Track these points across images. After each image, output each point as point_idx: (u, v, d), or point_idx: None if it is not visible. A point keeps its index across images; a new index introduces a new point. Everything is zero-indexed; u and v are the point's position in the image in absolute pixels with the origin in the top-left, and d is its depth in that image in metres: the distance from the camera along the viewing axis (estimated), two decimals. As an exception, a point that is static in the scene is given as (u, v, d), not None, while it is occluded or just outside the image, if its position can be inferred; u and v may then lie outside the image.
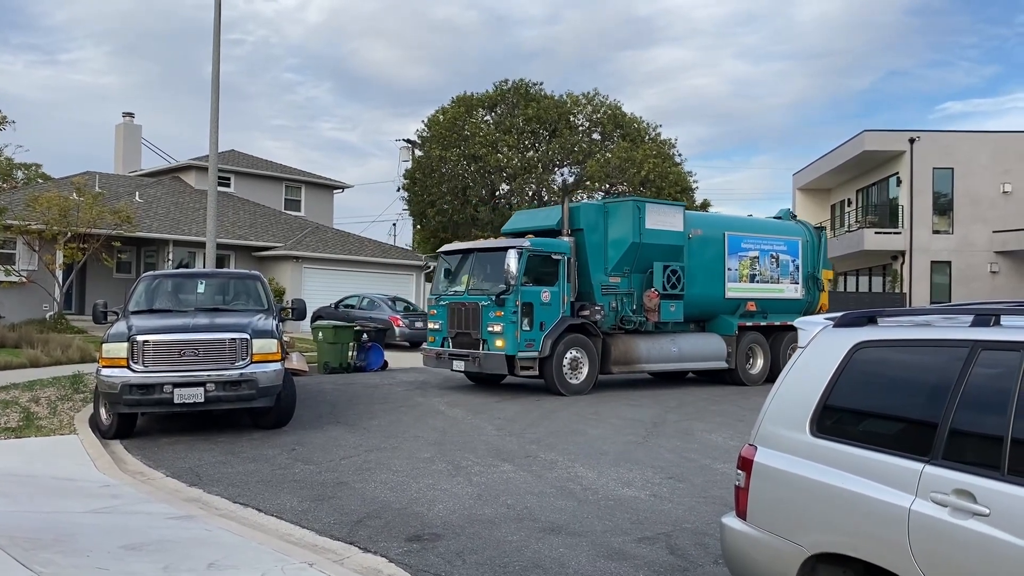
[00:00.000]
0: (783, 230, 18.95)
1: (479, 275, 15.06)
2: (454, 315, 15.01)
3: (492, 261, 14.94)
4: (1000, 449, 3.17)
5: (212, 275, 13.36)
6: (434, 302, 15.75)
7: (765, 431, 4.21)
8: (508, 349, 14.26)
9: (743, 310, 17.57)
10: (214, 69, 19.02)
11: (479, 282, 14.94)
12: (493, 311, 14.31)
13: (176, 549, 5.93)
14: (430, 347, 15.72)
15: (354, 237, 34.93)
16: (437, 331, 15.53)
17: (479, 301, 14.56)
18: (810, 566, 3.79)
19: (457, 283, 15.48)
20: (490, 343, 14.38)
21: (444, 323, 15.27)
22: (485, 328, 14.42)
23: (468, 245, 15.93)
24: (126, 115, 37.37)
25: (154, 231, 27.63)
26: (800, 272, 18.75)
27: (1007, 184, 30.80)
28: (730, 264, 17.47)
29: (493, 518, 7.01)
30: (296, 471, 8.75)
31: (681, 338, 16.63)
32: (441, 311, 15.41)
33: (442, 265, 16.14)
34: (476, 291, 14.83)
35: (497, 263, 14.70)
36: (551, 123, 36.26)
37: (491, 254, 15.05)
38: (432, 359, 15.59)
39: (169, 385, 10.04)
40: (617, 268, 15.76)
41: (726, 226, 17.91)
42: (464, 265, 15.56)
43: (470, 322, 14.68)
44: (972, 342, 3.46)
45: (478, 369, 14.62)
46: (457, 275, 15.64)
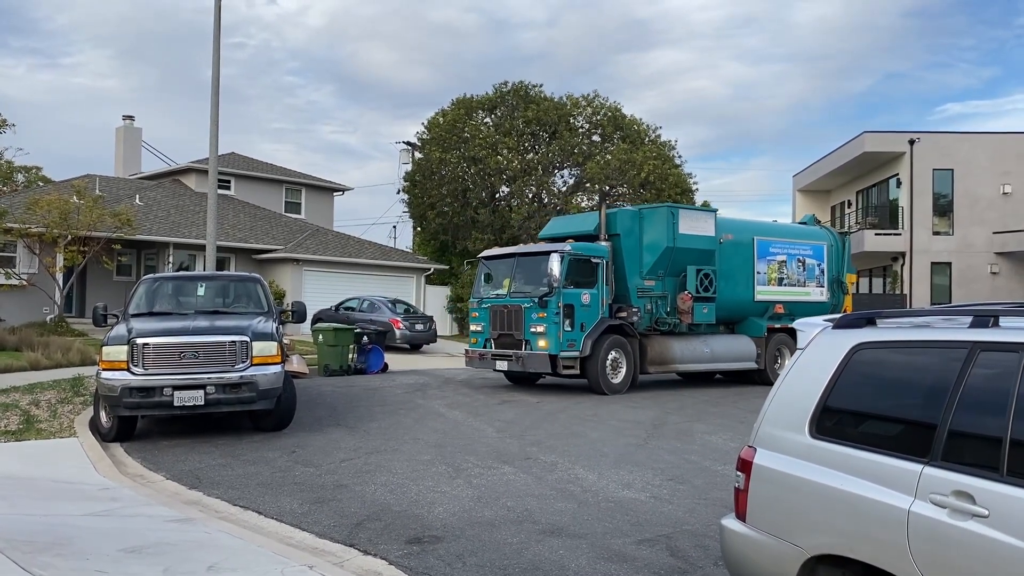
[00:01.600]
0: (809, 235, 19.61)
1: (521, 278, 15.52)
2: (496, 317, 15.45)
3: (534, 265, 15.41)
4: (999, 450, 3.16)
5: (212, 278, 13.37)
6: (475, 305, 16.20)
7: (764, 433, 4.21)
8: (551, 349, 14.69)
9: (771, 312, 18.20)
10: (214, 72, 19.03)
11: (521, 285, 15.42)
12: (536, 312, 14.75)
13: (176, 552, 5.92)
14: (473, 348, 16.18)
15: (354, 239, 34.94)
16: (479, 333, 16.00)
17: (522, 303, 15.03)
18: (810, 568, 3.79)
19: (499, 286, 15.94)
20: (533, 343, 14.83)
21: (486, 325, 15.72)
22: (528, 329, 14.87)
23: (511, 250, 16.50)
24: (126, 118, 37.40)
25: (154, 234, 27.63)
26: (825, 276, 19.41)
27: (1007, 185, 30.81)
28: (759, 268, 18.04)
29: (493, 520, 7.01)
30: (296, 474, 8.75)
31: (713, 339, 17.17)
32: (483, 314, 15.86)
33: (482, 270, 16.57)
34: (518, 294, 15.29)
35: (539, 267, 15.20)
36: (551, 125, 36.28)
37: (533, 258, 15.54)
38: (476, 360, 16.06)
39: (169, 388, 10.04)
40: (652, 272, 16.30)
41: (755, 231, 18.45)
42: (506, 269, 16.00)
43: (513, 324, 15.14)
44: (971, 343, 3.46)
45: (521, 368, 15.17)
46: (498, 279, 16.11)
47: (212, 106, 19.06)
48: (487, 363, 15.79)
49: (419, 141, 38.56)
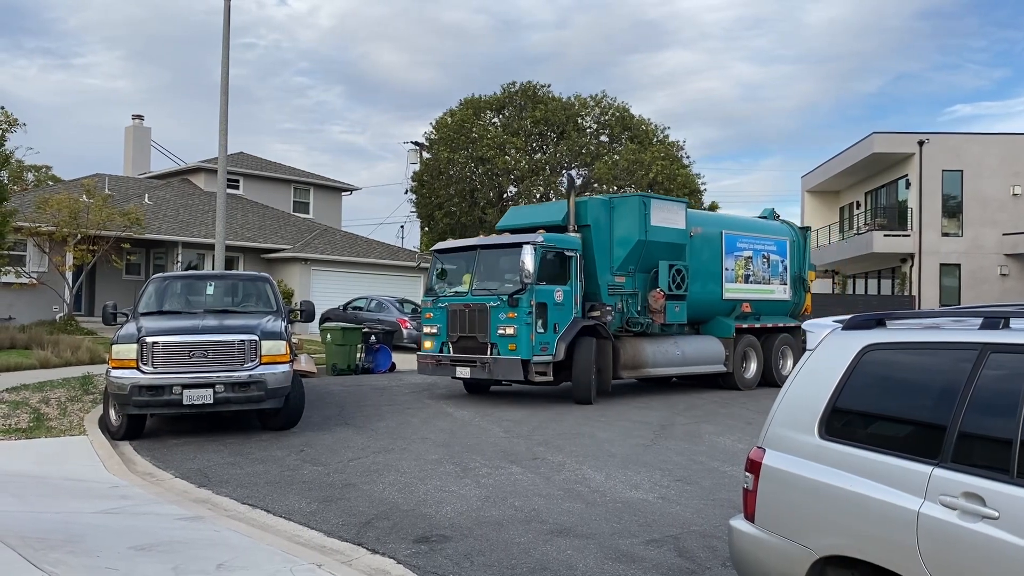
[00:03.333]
0: (773, 230, 18.48)
1: (485, 274, 14.04)
2: (455, 318, 13.88)
3: (501, 259, 14.01)
4: (1009, 452, 3.16)
5: (221, 277, 13.43)
6: (430, 304, 14.59)
7: (773, 434, 4.21)
8: (522, 353, 13.20)
9: (739, 311, 16.98)
10: (223, 72, 19.09)
11: (485, 281, 13.92)
12: (504, 312, 13.28)
13: (185, 550, 5.95)
14: (426, 354, 14.43)
15: (362, 239, 35.00)
16: (434, 336, 14.32)
17: (487, 302, 13.50)
18: (819, 569, 3.78)
19: (457, 283, 14.49)
20: (501, 347, 13.33)
21: (443, 327, 14.09)
22: (495, 331, 13.34)
23: (471, 242, 14.95)
24: (135, 118, 37.54)
25: (163, 233, 27.73)
26: (788, 273, 18.33)
27: (1017, 186, 30.68)
28: (727, 264, 16.80)
29: (501, 520, 7.02)
30: (304, 472, 8.77)
31: (683, 341, 15.92)
32: (439, 314, 14.24)
33: (436, 264, 15.11)
34: (482, 291, 13.79)
35: (507, 261, 13.81)
36: (559, 125, 36.27)
37: (500, 251, 14.10)
38: (430, 366, 14.41)
39: (178, 386, 10.07)
40: (623, 267, 14.97)
41: (723, 224, 17.32)
42: (465, 264, 14.56)
43: (476, 325, 13.60)
44: (981, 345, 3.45)
45: (488, 376, 13.60)
46: (456, 275, 14.68)
47: (221, 106, 19.12)
48: (444, 370, 14.19)
49: (427, 141, 38.59)
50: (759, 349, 17.29)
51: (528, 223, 15.06)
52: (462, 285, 14.28)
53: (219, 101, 19.25)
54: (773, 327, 17.54)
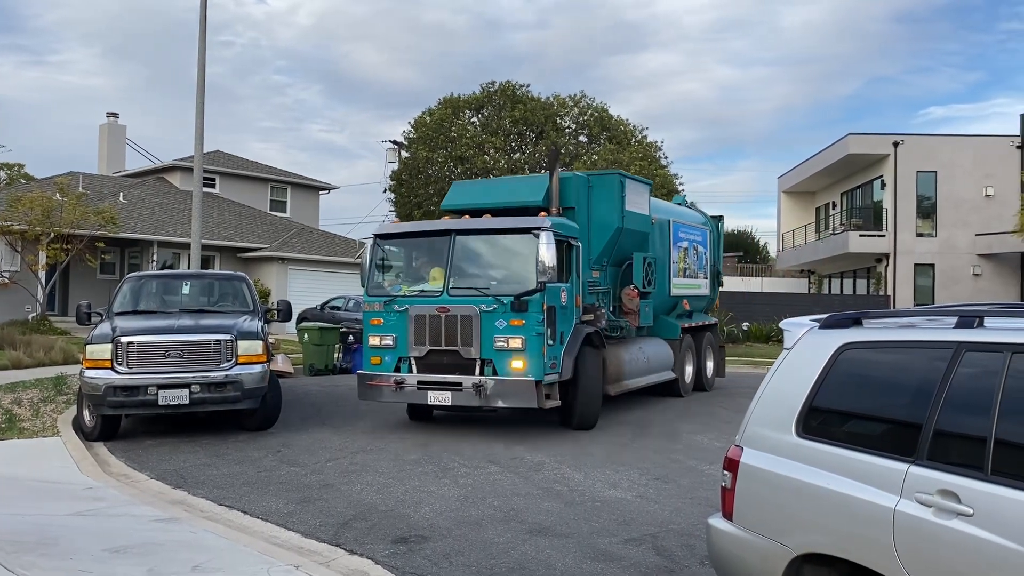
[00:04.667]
0: (699, 220, 16.93)
1: (465, 267, 10.91)
2: (424, 326, 10.57)
3: (490, 247, 11.08)
4: (984, 450, 3.19)
5: (197, 276, 13.31)
6: (378, 308, 10.99)
7: (751, 432, 4.23)
8: (533, 372, 10.22)
9: (680, 309, 15.43)
10: (199, 69, 18.93)
11: (466, 277, 10.79)
12: (506, 318, 10.27)
13: (160, 552, 5.89)
14: (376, 373, 10.88)
15: (340, 238, 34.84)
16: (386, 349, 10.88)
17: (475, 304, 10.39)
18: (796, 567, 3.80)
19: (418, 279, 11.25)
20: (500, 364, 10.31)
21: (402, 337, 10.75)
22: (489, 343, 10.32)
23: (442, 224, 11.43)
24: (110, 115, 37.14)
25: (138, 232, 27.46)
26: (708, 266, 16.89)
27: (989, 188, 31.06)
28: (674, 256, 14.95)
29: (480, 520, 7.01)
30: (281, 473, 8.72)
31: (645, 346, 13.77)
32: (395, 320, 10.84)
33: (377, 254, 11.47)
34: (465, 290, 10.59)
35: (498, 250, 11.04)
36: (538, 125, 36.28)
37: (489, 238, 11.03)
38: (383, 391, 10.84)
39: (154, 387, 9.98)
40: (599, 260, 12.62)
41: (670, 213, 15.41)
42: (429, 254, 11.35)
43: (458, 335, 10.42)
44: (956, 343, 3.48)
45: (481, 402, 10.41)
46: (414, 268, 11.55)
47: (197, 104, 18.96)
48: (407, 395, 10.75)
49: (406, 140, 38.47)
50: (694, 350, 15.76)
51: (489, 203, 12.04)
52: (429, 282, 11.01)
53: (195, 99, 19.09)
54: (700, 325, 16.10)
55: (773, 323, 26.22)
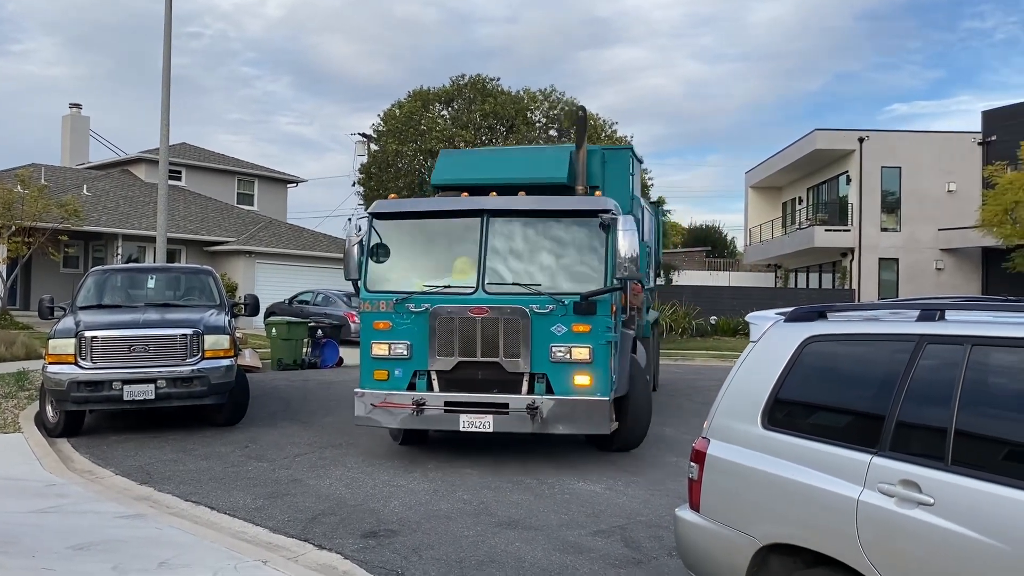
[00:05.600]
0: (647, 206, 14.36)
1: (508, 259, 8.79)
2: (455, 332, 8.42)
3: (545, 234, 8.85)
4: (944, 440, 3.25)
5: (163, 270, 13.15)
6: (386, 308, 8.72)
7: (718, 424, 4.27)
8: (601, 389, 8.34)
9: (648, 304, 14.36)
10: (165, 60, 18.67)
11: (508, 272, 8.71)
12: (566, 324, 8.35)
13: (126, 548, 5.83)
14: (385, 391, 8.62)
15: (308, 232, 34.59)
16: (397, 360, 8.64)
17: (524, 305, 8.36)
18: (762, 557, 3.85)
19: (435, 272, 8.98)
20: (558, 380, 8.35)
21: (418, 345, 8.56)
22: (544, 354, 8.35)
23: (474, 203, 8.98)
24: (73, 106, 36.54)
25: (102, 225, 27.06)
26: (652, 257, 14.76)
27: (952, 183, 31.56)
28: None
29: (449, 513, 7.01)
30: (249, 469, 8.65)
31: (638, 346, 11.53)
32: (409, 323, 8.60)
33: (373, 237, 9.08)
34: (506, 287, 8.53)
35: (557, 238, 8.85)
36: (508, 119, 36.26)
37: (540, 221, 8.87)
38: (392, 415, 8.58)
39: (118, 382, 9.86)
40: None
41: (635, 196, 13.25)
42: (452, 240, 9.15)
43: (501, 344, 8.35)
44: (918, 336, 3.54)
45: (536, 428, 8.29)
46: (430, 258, 9.24)
47: (163, 95, 18.71)
48: (432, 420, 8.52)
49: (375, 133, 38.28)
50: (650, 349, 13.68)
51: (504, 179, 9.68)
52: (454, 275, 8.88)
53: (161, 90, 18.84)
54: (653, 321, 14.89)
55: (740, 317, 26.46)
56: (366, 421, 8.77)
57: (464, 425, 8.42)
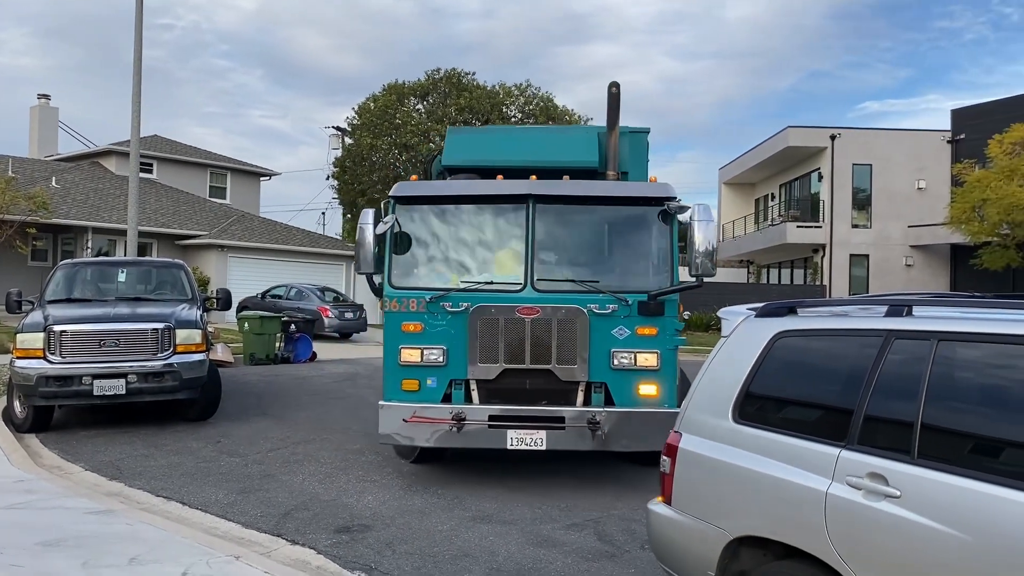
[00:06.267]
0: None
1: (559, 252, 7.94)
2: (500, 335, 7.39)
3: (601, 224, 8.09)
4: (911, 434, 3.30)
5: (134, 264, 13.00)
6: (417, 307, 7.57)
7: (690, 418, 4.31)
8: (668, 400, 7.47)
9: None
10: (136, 51, 18.44)
11: (559, 267, 7.82)
12: (630, 326, 7.46)
13: (96, 544, 5.77)
14: (416, 403, 7.46)
15: (281, 226, 34.34)
16: (431, 368, 7.55)
17: (582, 305, 7.41)
18: (732, 549, 3.90)
19: (469, 266, 7.88)
20: (621, 390, 7.46)
21: (455, 350, 7.50)
22: (604, 360, 7.41)
23: (517, 187, 7.79)
24: (42, 97, 35.99)
25: (72, 218, 26.68)
26: None
27: (921, 181, 31.95)
28: None
29: (423, 508, 7.01)
30: (221, 464, 8.59)
31: None
32: (446, 326, 7.53)
33: (393, 225, 7.75)
34: (558, 283, 7.58)
35: (614, 228, 8.10)
36: (483, 113, 36.22)
37: (597, 209, 7.99)
38: (424, 431, 7.43)
39: (88, 376, 9.74)
40: None
41: None
42: (489, 229, 7.99)
43: (554, 349, 7.37)
44: (886, 332, 3.59)
45: (596, 445, 7.34)
46: (464, 250, 7.99)
47: (134, 86, 18.47)
48: (474, 436, 7.40)
49: (349, 127, 38.08)
50: None
51: (528, 161, 8.48)
52: (496, 270, 7.84)
53: (132, 82, 18.60)
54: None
55: (712, 312, 26.64)
56: (392, 439, 7.62)
57: (512, 443, 7.34)
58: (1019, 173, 22.12)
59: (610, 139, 8.38)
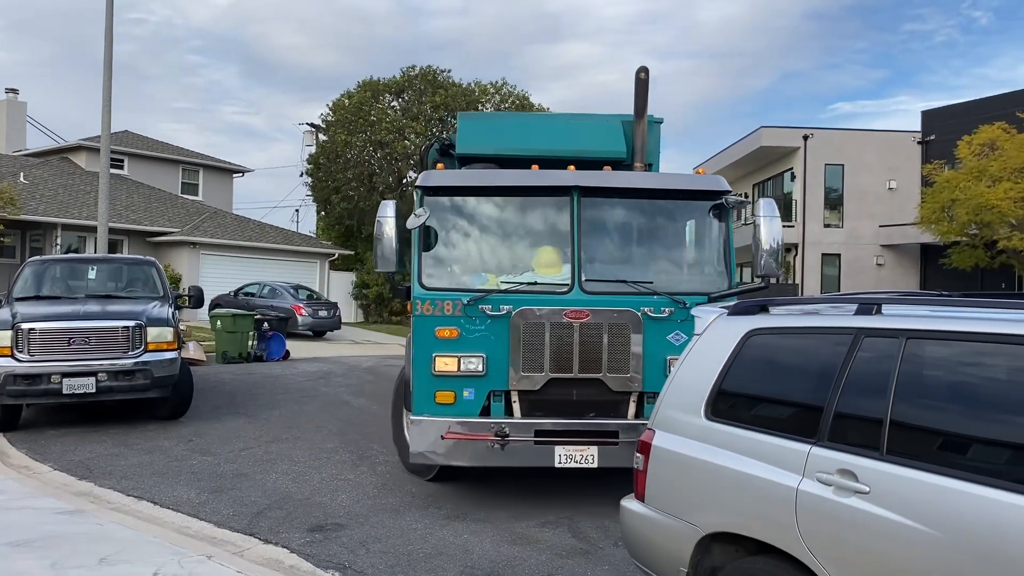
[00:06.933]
0: None
1: (608, 249, 7.37)
2: (545, 341, 6.74)
3: (653, 219, 7.53)
4: (880, 430, 3.34)
5: (104, 261, 12.85)
6: (453, 310, 6.83)
7: (663, 415, 4.34)
8: None
9: None
10: (107, 44, 18.22)
11: (609, 265, 7.22)
12: (687, 330, 6.31)
13: (65, 545, 5.70)
14: (451, 417, 6.77)
15: (254, 223, 34.07)
16: (471, 377, 6.84)
17: (636, 308, 6.83)
18: (705, 545, 3.93)
19: (508, 265, 7.25)
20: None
21: (498, 359, 6.82)
22: (659, 368, 6.83)
23: (561, 179, 7.15)
24: (10, 91, 35.43)
25: (40, 214, 26.29)
26: None
27: (892, 181, 32.32)
28: None
29: (398, 506, 7.00)
30: (193, 463, 8.52)
31: None
32: (485, 331, 6.84)
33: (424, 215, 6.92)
34: (610, 284, 6.94)
35: (667, 224, 7.59)
36: (459, 111, 36.18)
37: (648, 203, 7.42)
38: (463, 449, 6.78)
39: (57, 375, 9.62)
40: None
41: None
42: (535, 222, 7.37)
43: (604, 356, 6.78)
44: (855, 330, 3.63)
45: None
46: (501, 247, 7.37)
47: (104, 81, 18.25)
48: (519, 454, 6.74)
49: (324, 123, 37.87)
50: None
51: (550, 151, 7.98)
52: (537, 268, 7.14)
53: (102, 76, 18.37)
54: None
55: (688, 310, 26.81)
56: (426, 458, 6.90)
57: (561, 460, 6.68)
58: (987, 174, 22.41)
59: (638, 128, 7.88)
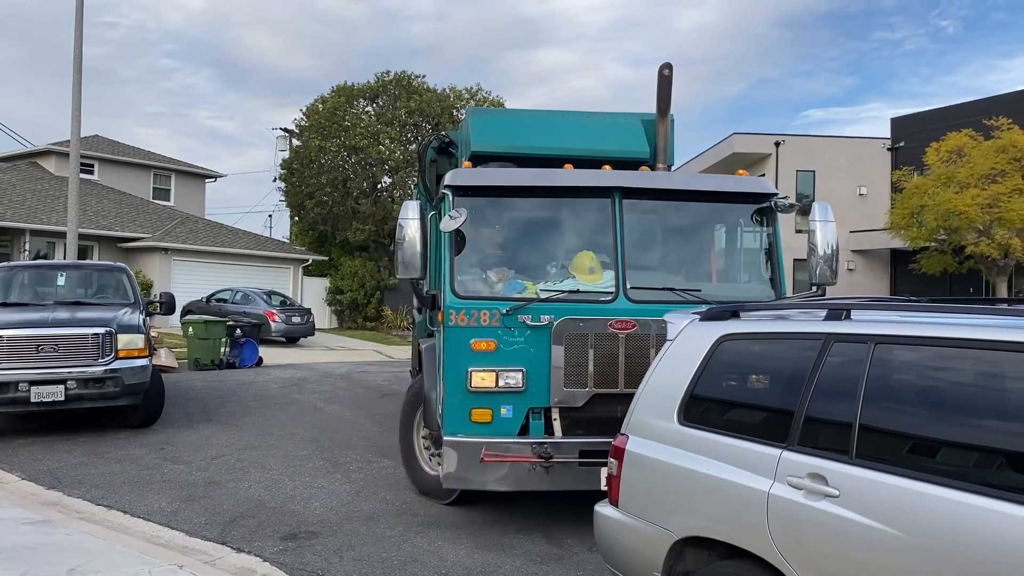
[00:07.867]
0: None
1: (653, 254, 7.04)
2: (589, 354, 6.23)
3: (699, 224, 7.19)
4: (849, 434, 3.39)
5: (74, 267, 12.70)
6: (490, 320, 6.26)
7: (636, 420, 4.36)
8: None
9: None
10: (76, 46, 18.03)
11: (654, 272, 6.81)
12: None
13: (33, 555, 5.62)
14: (486, 439, 6.21)
15: (227, 228, 33.82)
16: (510, 393, 6.28)
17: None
18: (678, 550, 3.95)
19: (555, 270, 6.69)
20: None
21: (538, 373, 6.28)
22: None
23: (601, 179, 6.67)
24: (-23, 95, 34.91)
25: (8, 219, 25.93)
26: None
27: (863, 187, 32.72)
28: None
29: (372, 514, 6.97)
30: (165, 471, 8.43)
31: None
32: (524, 343, 6.29)
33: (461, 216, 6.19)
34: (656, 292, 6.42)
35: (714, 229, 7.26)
36: (434, 116, 36.12)
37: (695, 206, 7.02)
38: (502, 472, 6.25)
39: (25, 383, 9.48)
40: None
41: None
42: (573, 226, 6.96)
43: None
44: (825, 335, 3.68)
45: None
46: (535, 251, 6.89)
47: (74, 84, 18.06)
48: (560, 478, 6.29)
49: (297, 128, 37.68)
50: None
51: (570, 150, 7.42)
52: (576, 275, 6.58)
53: (72, 79, 18.17)
54: None
55: (662, 315, 26.94)
56: (463, 482, 6.37)
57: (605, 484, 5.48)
58: (955, 180, 22.76)
59: (660, 127, 7.51)
